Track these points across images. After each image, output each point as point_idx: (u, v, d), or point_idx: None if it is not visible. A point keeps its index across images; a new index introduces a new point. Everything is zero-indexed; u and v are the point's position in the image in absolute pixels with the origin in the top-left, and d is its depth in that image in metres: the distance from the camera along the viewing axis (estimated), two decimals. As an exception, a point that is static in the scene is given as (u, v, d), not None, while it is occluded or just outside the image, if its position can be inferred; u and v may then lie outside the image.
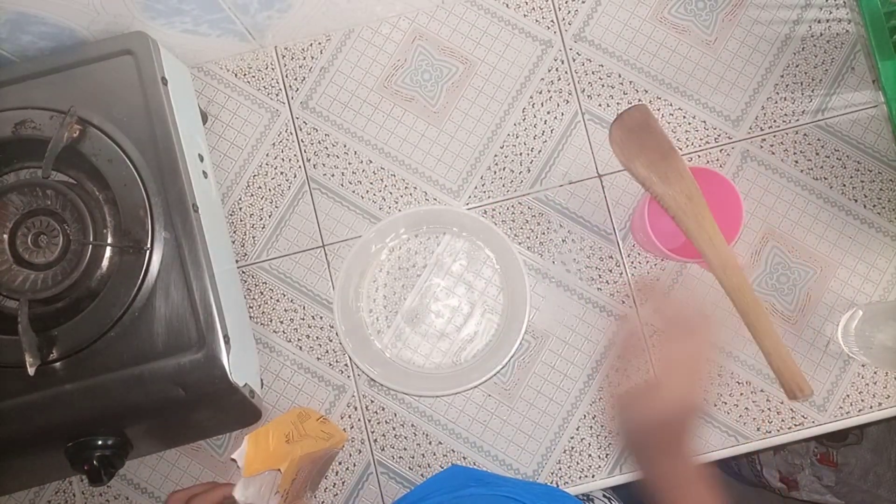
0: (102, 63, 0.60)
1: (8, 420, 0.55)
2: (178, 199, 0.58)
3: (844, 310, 0.66)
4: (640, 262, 0.68)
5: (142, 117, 0.59)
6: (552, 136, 0.70)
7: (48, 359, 0.55)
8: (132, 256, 0.57)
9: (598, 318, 0.67)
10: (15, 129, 0.58)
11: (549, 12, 0.71)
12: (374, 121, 0.71)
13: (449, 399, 0.67)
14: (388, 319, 0.68)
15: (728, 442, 0.66)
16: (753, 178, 0.68)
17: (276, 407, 0.68)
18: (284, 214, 0.70)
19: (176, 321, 0.56)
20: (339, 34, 0.72)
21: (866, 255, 0.67)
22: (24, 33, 0.60)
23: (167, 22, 0.63)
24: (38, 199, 0.57)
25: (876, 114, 0.68)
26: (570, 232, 0.68)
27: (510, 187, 0.69)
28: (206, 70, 0.72)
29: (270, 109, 0.71)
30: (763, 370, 0.66)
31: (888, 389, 0.66)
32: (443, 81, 0.71)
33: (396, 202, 0.70)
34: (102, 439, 0.56)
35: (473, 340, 0.68)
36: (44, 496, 0.68)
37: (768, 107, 0.69)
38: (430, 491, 0.63)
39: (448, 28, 0.71)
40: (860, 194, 0.68)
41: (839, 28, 0.69)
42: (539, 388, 0.67)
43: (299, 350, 0.69)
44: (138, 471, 0.68)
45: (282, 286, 0.69)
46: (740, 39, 0.70)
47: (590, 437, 0.66)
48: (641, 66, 0.70)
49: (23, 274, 0.56)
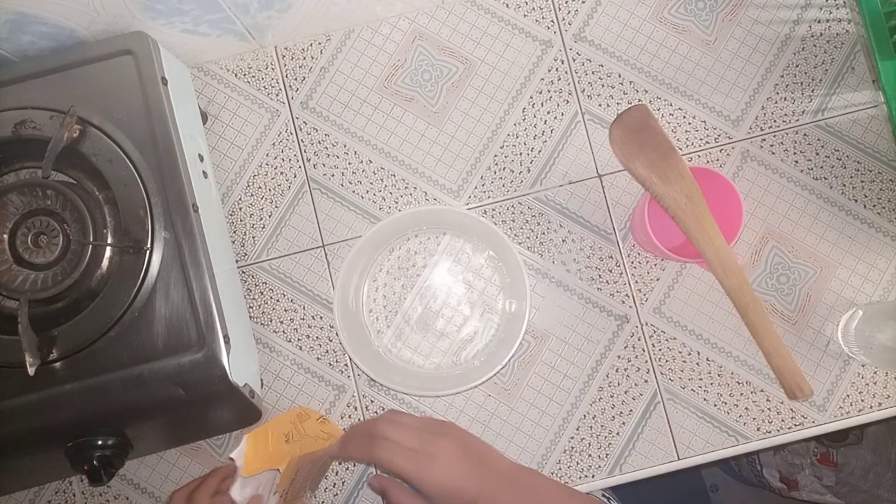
0: (102, 63, 0.60)
1: (8, 420, 0.55)
2: (178, 199, 0.58)
3: (844, 310, 0.66)
4: (640, 262, 0.68)
5: (142, 117, 0.59)
6: (552, 136, 0.70)
7: (48, 359, 0.55)
8: (132, 256, 0.57)
9: (598, 318, 0.67)
10: (15, 129, 0.58)
11: (549, 12, 0.71)
12: (374, 121, 0.71)
13: (449, 399, 0.67)
14: (388, 319, 0.68)
15: (728, 442, 0.66)
16: (753, 178, 0.68)
17: (276, 407, 0.68)
18: (284, 214, 0.70)
19: (176, 321, 0.56)
20: (339, 34, 0.72)
21: (866, 255, 0.67)
22: (23, 33, 0.60)
23: (167, 22, 0.63)
24: (38, 199, 0.57)
25: (876, 114, 0.68)
26: (570, 232, 0.68)
27: (510, 187, 0.69)
28: (206, 70, 0.72)
29: (270, 109, 0.71)
30: (763, 370, 0.66)
31: (888, 389, 0.66)
32: (443, 81, 0.71)
33: (396, 202, 0.70)
34: (102, 439, 0.56)
35: (473, 340, 0.68)
36: (44, 496, 0.68)
37: (768, 107, 0.69)
38: None
39: (448, 28, 0.71)
40: (860, 194, 0.68)
41: (839, 28, 0.69)
42: (539, 388, 0.67)
43: (299, 350, 0.69)
44: (138, 471, 0.68)
45: (282, 286, 0.69)
46: (740, 39, 0.70)
47: (590, 437, 0.66)
48: (641, 66, 0.70)
49: (23, 274, 0.56)
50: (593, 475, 0.66)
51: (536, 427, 0.67)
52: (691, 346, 0.67)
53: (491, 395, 0.67)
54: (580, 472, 0.66)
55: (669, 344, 0.67)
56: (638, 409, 0.66)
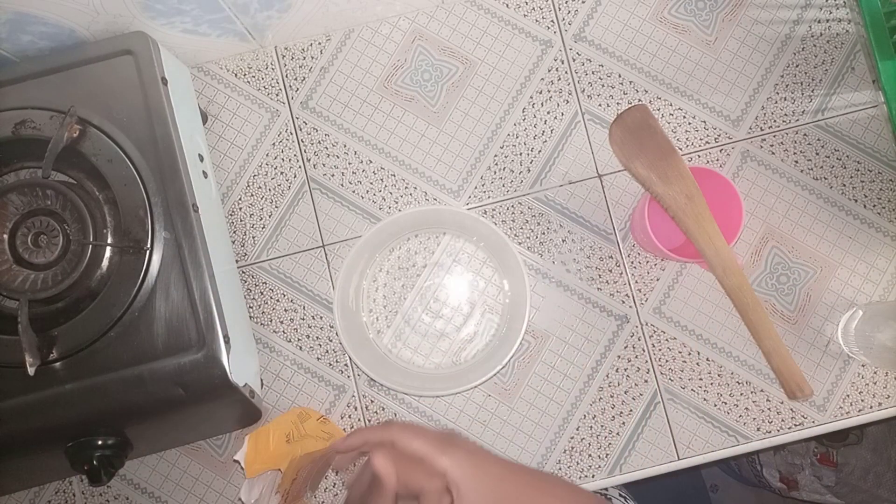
0: (102, 63, 0.60)
1: (8, 420, 0.55)
2: (178, 199, 0.58)
3: (844, 310, 0.66)
4: (640, 262, 0.68)
5: (142, 117, 0.59)
6: (552, 136, 0.70)
7: (48, 359, 0.55)
8: (132, 256, 0.57)
9: (598, 318, 0.67)
10: (15, 129, 0.58)
11: (549, 12, 0.71)
12: (374, 121, 0.71)
13: (449, 399, 0.67)
14: (388, 319, 0.68)
15: (728, 442, 0.66)
16: (753, 178, 0.68)
17: (276, 407, 0.68)
18: (284, 214, 0.70)
19: (176, 321, 0.56)
20: (339, 34, 0.72)
21: (866, 255, 0.67)
22: (23, 33, 0.60)
23: (167, 22, 0.63)
24: (38, 199, 0.57)
25: (876, 114, 0.68)
26: (570, 232, 0.68)
27: (510, 187, 0.69)
28: (206, 70, 0.72)
29: (270, 109, 0.71)
30: (763, 370, 0.66)
31: (888, 389, 0.66)
32: (443, 81, 0.71)
33: (396, 202, 0.70)
34: (102, 439, 0.56)
35: (473, 340, 0.68)
36: (44, 496, 0.68)
37: (768, 107, 0.69)
38: None
39: (448, 28, 0.71)
40: (860, 194, 0.68)
41: (839, 28, 0.69)
42: (539, 388, 0.67)
43: (299, 350, 0.69)
44: (138, 471, 0.68)
45: (282, 286, 0.69)
46: (740, 39, 0.70)
47: (590, 437, 0.66)
48: (641, 66, 0.70)
49: (23, 274, 0.56)
50: (593, 475, 0.66)
51: (536, 427, 0.67)
52: (691, 346, 0.67)
53: (491, 395, 0.67)
54: (580, 472, 0.66)
55: (669, 344, 0.67)
56: (638, 409, 0.66)
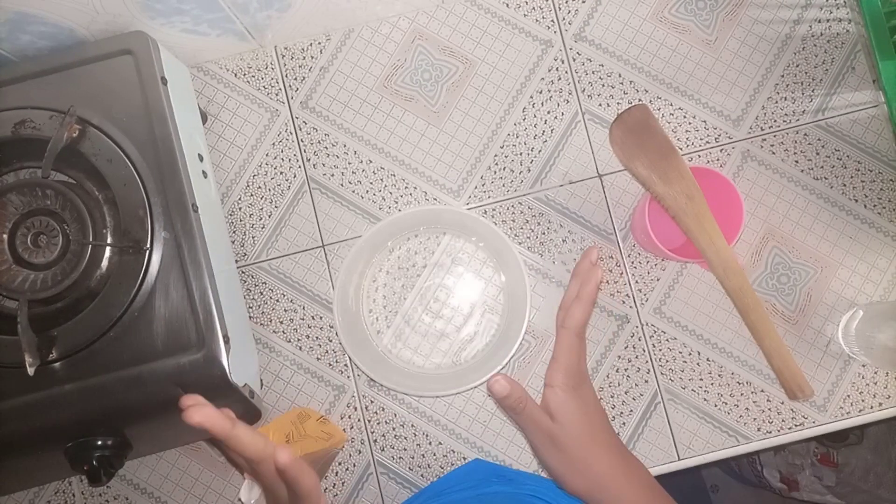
0: (102, 63, 0.59)
1: (8, 420, 0.55)
2: (177, 199, 0.58)
3: (845, 310, 0.66)
4: (640, 262, 0.68)
5: (141, 117, 0.58)
6: (552, 135, 0.70)
7: (48, 359, 0.55)
8: (132, 256, 0.57)
9: (599, 318, 0.67)
10: (14, 128, 0.58)
11: (549, 12, 0.71)
12: (374, 121, 0.71)
13: (449, 399, 0.67)
14: (387, 319, 0.68)
15: (728, 442, 0.66)
16: (754, 178, 0.68)
17: (276, 407, 0.68)
18: (284, 214, 0.70)
19: (175, 321, 0.56)
20: (339, 34, 0.72)
21: (867, 255, 0.67)
22: (23, 33, 0.60)
23: (167, 22, 0.63)
24: (38, 199, 0.57)
25: (876, 114, 0.68)
26: (571, 232, 0.68)
27: (510, 187, 0.69)
28: (205, 70, 0.72)
29: (270, 109, 0.71)
30: (763, 370, 0.66)
31: (888, 389, 0.66)
32: (443, 81, 0.71)
33: (396, 202, 0.70)
34: (102, 439, 0.56)
35: (473, 340, 0.68)
36: (44, 496, 0.68)
37: (769, 107, 0.69)
38: (451, 484, 0.63)
39: (448, 28, 0.71)
40: (861, 194, 0.68)
41: (839, 28, 0.69)
42: (540, 389, 0.67)
43: (299, 350, 0.69)
44: (138, 471, 0.68)
45: (282, 286, 0.69)
46: (741, 39, 0.70)
47: (590, 437, 0.66)
48: (641, 65, 0.70)
49: (22, 274, 0.56)
50: (593, 475, 0.66)
51: (536, 427, 0.67)
52: (692, 346, 0.67)
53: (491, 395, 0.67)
54: (580, 473, 0.66)
55: (670, 344, 0.67)
56: (638, 410, 0.66)
